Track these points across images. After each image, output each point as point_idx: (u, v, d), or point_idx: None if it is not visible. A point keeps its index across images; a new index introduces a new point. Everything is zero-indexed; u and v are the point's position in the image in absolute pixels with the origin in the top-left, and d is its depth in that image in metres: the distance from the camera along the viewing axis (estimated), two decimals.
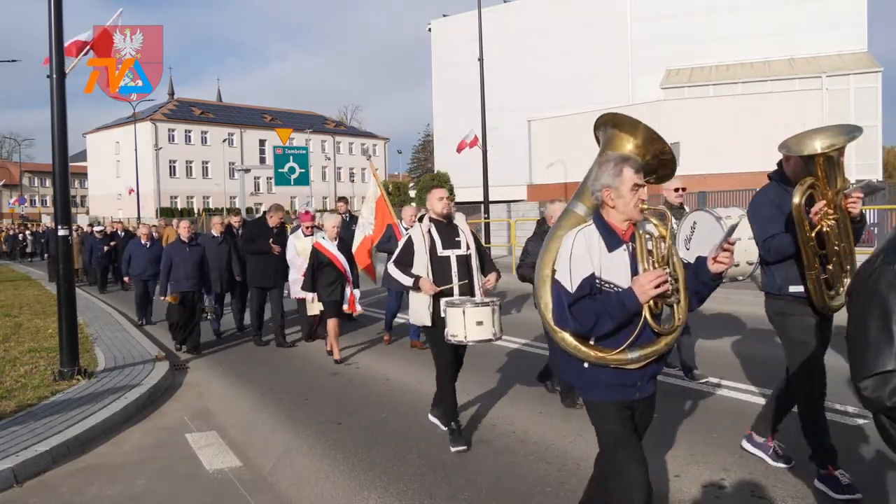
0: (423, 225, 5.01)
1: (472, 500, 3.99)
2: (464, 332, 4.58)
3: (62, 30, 6.94)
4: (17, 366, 7.47)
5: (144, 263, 11.46)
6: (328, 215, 8.50)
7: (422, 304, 4.91)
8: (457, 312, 4.62)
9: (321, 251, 7.88)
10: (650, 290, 2.66)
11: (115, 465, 4.86)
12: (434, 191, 5.13)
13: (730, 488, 3.99)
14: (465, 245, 5.03)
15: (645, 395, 2.99)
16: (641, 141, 3.02)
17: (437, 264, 4.92)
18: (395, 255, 5.06)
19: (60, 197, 7.02)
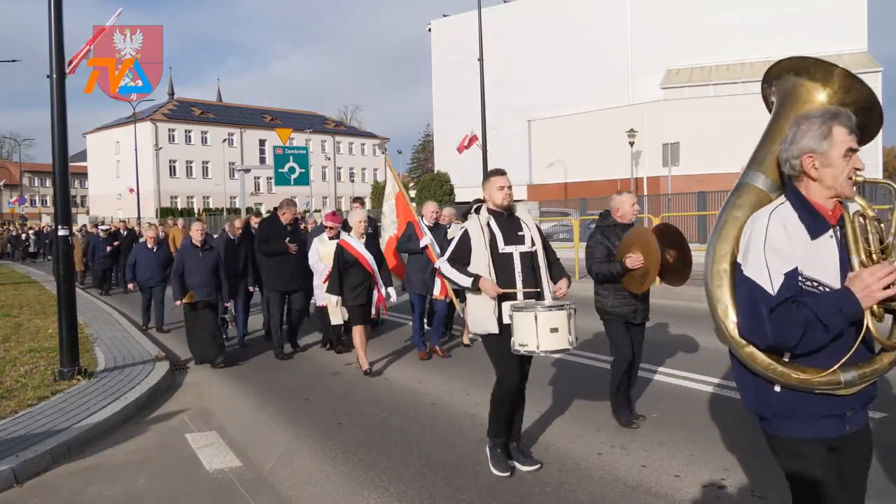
0: (481, 217, 4.35)
1: (472, 500, 3.99)
2: (535, 340, 3.95)
3: (62, 30, 6.94)
4: (17, 366, 7.47)
5: (152, 269, 10.61)
6: (354, 210, 7.71)
7: (484, 309, 4.23)
8: (526, 318, 3.98)
9: (347, 249, 7.15)
10: (877, 290, 2.01)
11: (115, 465, 4.86)
12: (493, 178, 4.39)
13: (730, 488, 3.99)
14: (530, 240, 4.36)
15: (856, 429, 2.37)
16: (838, 89, 2.25)
17: (498, 262, 4.26)
18: (448, 252, 4.43)
19: (60, 197, 7.02)
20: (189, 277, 7.84)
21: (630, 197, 5.29)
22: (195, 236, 8.04)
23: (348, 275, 7.13)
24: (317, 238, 8.39)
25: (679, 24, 41.68)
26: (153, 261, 10.67)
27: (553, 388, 6.35)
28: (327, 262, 7.72)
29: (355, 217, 7.35)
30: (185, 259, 7.92)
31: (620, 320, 5.18)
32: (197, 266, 7.88)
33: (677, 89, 39.83)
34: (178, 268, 7.95)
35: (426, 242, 7.57)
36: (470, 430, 5.24)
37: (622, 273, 4.93)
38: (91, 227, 23.61)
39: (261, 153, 72.60)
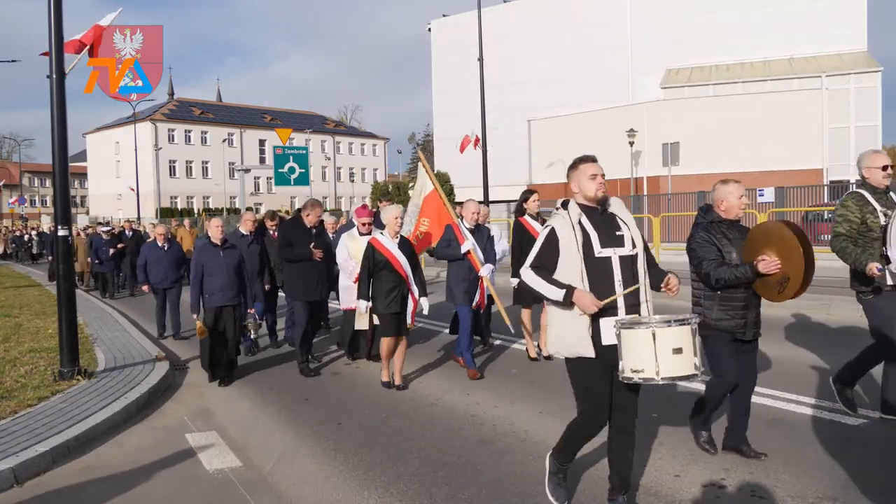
0: (571, 213, 3.56)
1: (472, 500, 3.99)
2: (654, 365, 3.20)
3: (62, 30, 6.93)
4: (17, 366, 7.47)
5: (164, 269, 9.96)
6: (388, 206, 6.88)
7: (575, 326, 3.46)
8: (642, 337, 3.24)
9: (378, 249, 6.44)
10: None
11: (115, 465, 4.86)
12: (582, 165, 3.63)
13: (730, 488, 3.99)
14: (630, 241, 3.55)
15: None
16: None
17: (594, 269, 3.45)
18: (531, 257, 3.62)
19: (60, 197, 7.01)
20: (210, 280, 7.03)
21: (737, 188, 4.44)
22: (214, 234, 7.22)
23: (379, 278, 6.44)
24: (346, 234, 7.74)
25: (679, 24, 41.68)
26: (165, 260, 10.01)
27: (553, 388, 6.35)
28: (358, 259, 7.05)
29: (390, 214, 6.58)
30: (204, 259, 7.10)
31: (726, 336, 4.33)
32: (218, 267, 7.05)
33: (677, 89, 39.82)
34: (197, 271, 7.07)
35: (468, 247, 6.98)
36: (470, 430, 5.24)
37: (753, 278, 4.16)
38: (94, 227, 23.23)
39: (261, 153, 72.64)
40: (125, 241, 15.83)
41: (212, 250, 7.16)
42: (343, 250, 7.55)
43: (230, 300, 7.08)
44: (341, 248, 7.58)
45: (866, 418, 5.04)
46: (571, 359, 3.54)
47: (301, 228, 7.59)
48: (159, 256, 9.98)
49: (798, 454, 4.42)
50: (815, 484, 3.97)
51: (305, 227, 7.56)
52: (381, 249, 6.46)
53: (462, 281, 7.05)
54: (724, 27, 40.55)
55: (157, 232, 10.38)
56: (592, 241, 3.50)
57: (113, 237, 15.86)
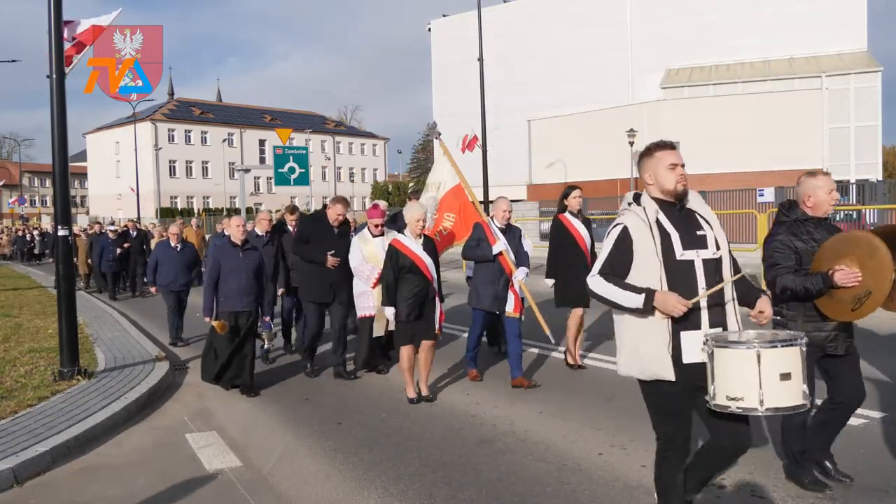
0: (648, 209, 3.06)
1: (472, 500, 3.99)
2: (758, 393, 2.70)
3: (62, 30, 6.94)
4: (17, 366, 7.47)
5: (176, 271, 9.43)
6: (411, 205, 6.32)
7: (653, 344, 2.94)
8: (743, 358, 2.74)
9: (402, 251, 5.96)
10: None
11: (115, 465, 4.86)
12: (658, 153, 3.13)
13: (730, 488, 3.99)
14: (713, 242, 3.07)
15: None
16: None
17: (674, 275, 2.96)
18: (600, 263, 3.10)
19: (60, 197, 7.02)
20: (226, 282, 6.51)
21: (826, 181, 3.97)
22: (235, 233, 6.71)
23: (403, 281, 5.93)
24: (358, 236, 7.07)
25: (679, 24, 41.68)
26: (177, 261, 9.45)
27: (553, 388, 6.35)
28: (374, 262, 6.67)
29: (413, 214, 6.03)
30: (222, 259, 6.60)
31: (814, 352, 3.76)
32: (236, 269, 6.53)
33: (677, 89, 39.84)
34: (213, 271, 6.55)
35: (500, 249, 6.47)
36: (470, 430, 5.24)
37: (823, 290, 3.64)
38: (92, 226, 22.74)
39: (261, 153, 72.66)
40: (130, 241, 15.50)
41: (231, 251, 6.65)
42: (356, 254, 6.90)
43: (246, 305, 6.58)
44: (354, 251, 6.94)
45: (866, 418, 5.04)
46: (647, 381, 3.03)
47: (322, 225, 7.09)
48: (171, 257, 9.48)
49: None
50: None
51: (327, 225, 7.04)
52: (406, 251, 5.96)
53: (491, 284, 6.55)
54: (724, 27, 40.55)
55: (170, 232, 9.87)
56: (673, 242, 3.00)
57: (118, 237, 15.47)
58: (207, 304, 6.60)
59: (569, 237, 6.91)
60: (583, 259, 6.78)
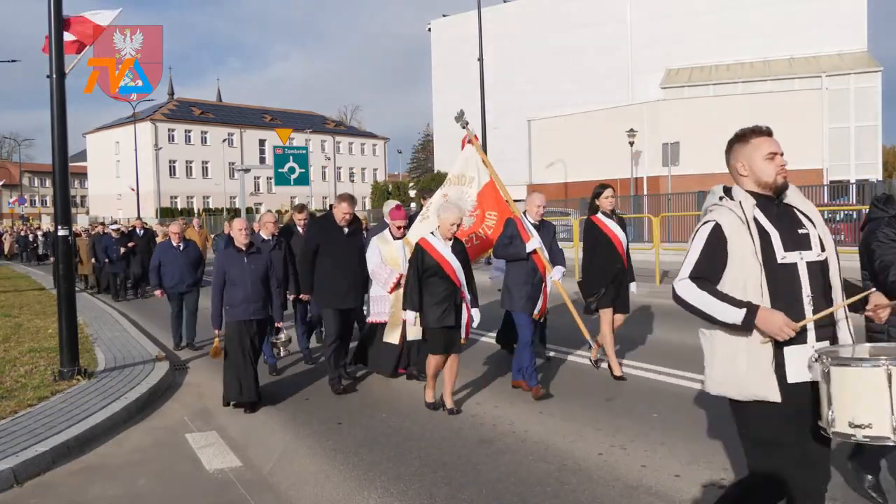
0: (745, 205, 2.66)
1: (472, 500, 3.99)
2: (890, 419, 2.30)
3: (62, 30, 6.94)
4: (17, 366, 7.47)
5: (180, 272, 9.01)
6: (446, 205, 5.77)
7: (754, 358, 2.57)
8: (870, 378, 2.35)
9: (429, 252, 5.54)
10: None
11: (115, 465, 4.86)
12: (754, 140, 2.75)
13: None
14: (818, 242, 2.69)
15: None
16: None
17: (775, 280, 2.58)
18: (688, 266, 2.68)
19: (60, 197, 7.02)
20: (232, 290, 6.09)
21: None
22: (238, 237, 6.19)
23: (429, 285, 5.53)
24: (377, 237, 6.74)
25: (679, 24, 41.71)
26: (180, 261, 9.03)
27: (553, 388, 6.34)
28: (393, 265, 6.46)
29: (448, 217, 5.58)
30: (226, 266, 6.15)
31: None
32: (241, 275, 6.08)
33: (677, 89, 39.85)
34: (219, 278, 6.15)
35: (535, 246, 6.08)
36: (470, 430, 5.24)
37: None
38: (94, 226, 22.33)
39: (261, 153, 72.65)
40: (136, 240, 15.01)
41: (235, 256, 6.18)
42: (374, 255, 6.55)
43: (254, 313, 6.11)
44: (372, 252, 6.58)
45: None
46: (743, 403, 2.61)
47: (331, 227, 6.68)
48: (174, 257, 9.02)
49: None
50: None
51: (336, 226, 6.65)
52: (433, 253, 5.54)
53: (525, 284, 6.09)
54: (723, 27, 40.57)
55: (171, 230, 9.34)
56: (773, 243, 2.60)
57: (123, 236, 15.02)
58: (215, 314, 6.26)
59: (604, 239, 6.50)
60: (620, 261, 6.45)
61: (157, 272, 9.03)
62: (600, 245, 6.48)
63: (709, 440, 4.78)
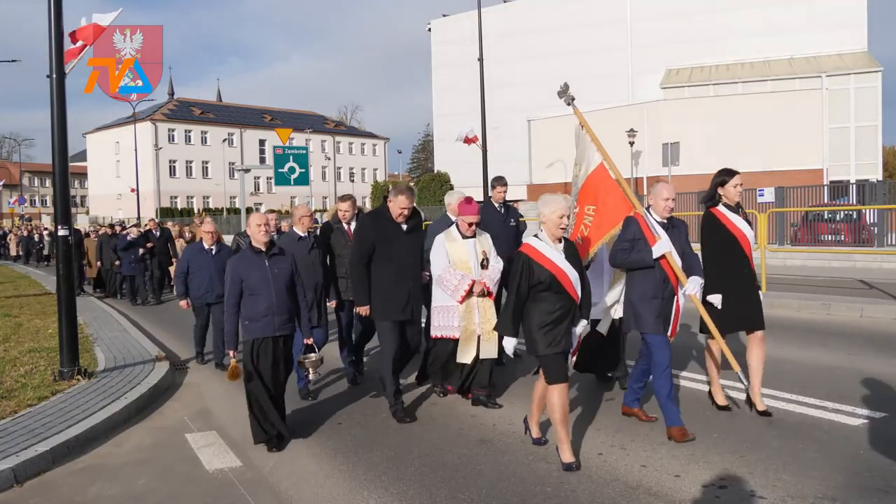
0: None
1: (472, 500, 3.99)
2: None
3: (62, 30, 6.94)
4: (17, 366, 7.47)
5: (209, 279, 7.71)
6: (545, 198, 4.49)
7: None
8: None
9: (538, 261, 4.37)
10: None
11: (115, 465, 4.86)
12: None
13: (730, 488, 3.99)
14: None
15: None
16: None
17: None
18: None
19: (60, 197, 7.02)
20: (251, 301, 5.00)
21: None
22: (257, 234, 5.11)
23: (537, 302, 4.36)
24: (444, 235, 5.71)
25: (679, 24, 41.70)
26: (212, 267, 7.70)
27: None
28: (463, 269, 5.51)
29: (555, 208, 4.39)
30: (244, 272, 5.02)
31: None
32: (262, 282, 5.01)
33: (677, 89, 39.84)
34: (234, 287, 5.02)
35: (664, 250, 4.83)
36: (470, 430, 5.24)
37: None
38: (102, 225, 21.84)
39: (261, 153, 72.66)
40: (153, 241, 14.24)
41: (253, 259, 5.09)
42: (441, 257, 5.58)
43: (279, 328, 5.06)
44: (438, 254, 5.60)
45: (866, 418, 5.04)
46: None
47: (386, 223, 5.58)
48: (205, 262, 7.75)
49: (798, 454, 4.42)
50: (815, 484, 3.97)
51: (392, 222, 5.57)
52: (542, 261, 4.37)
53: (653, 299, 4.85)
54: (724, 27, 40.56)
55: (203, 230, 8.05)
56: None
57: (140, 236, 14.21)
58: (230, 332, 5.08)
59: (728, 238, 5.24)
60: (747, 267, 5.20)
61: (184, 279, 7.77)
62: (723, 246, 5.26)
63: (709, 440, 4.78)
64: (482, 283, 5.58)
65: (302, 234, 6.38)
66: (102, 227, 21.50)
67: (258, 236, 5.13)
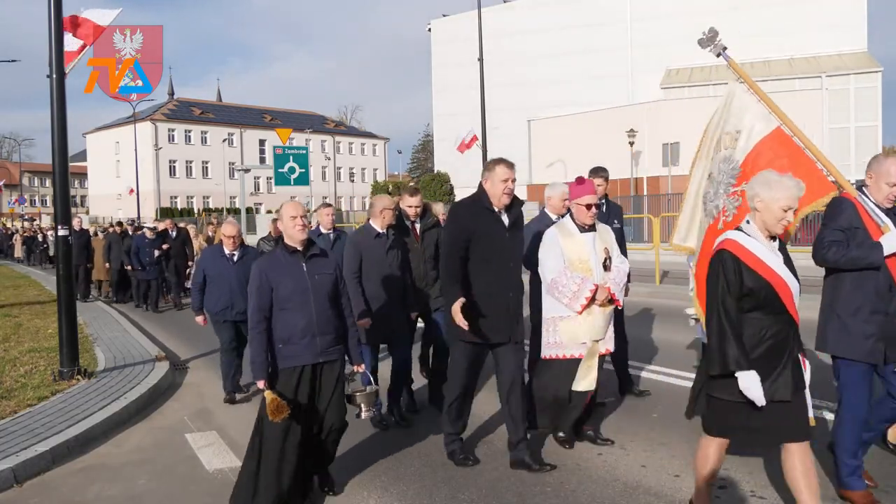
0: None
1: (472, 500, 3.99)
2: None
3: (62, 30, 6.94)
4: (17, 366, 7.47)
5: (231, 291, 6.27)
6: (770, 178, 3.25)
7: None
8: None
9: (749, 265, 3.18)
10: None
11: (115, 465, 4.86)
12: None
13: (730, 488, 3.99)
14: None
15: None
16: None
17: None
18: None
19: (60, 197, 7.02)
20: (286, 318, 3.85)
21: None
22: (292, 231, 3.89)
23: (746, 323, 3.18)
24: (554, 229, 4.59)
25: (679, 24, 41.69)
26: (233, 277, 6.26)
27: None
28: (583, 270, 4.35)
29: (778, 196, 3.16)
30: (275, 279, 3.85)
31: None
32: (300, 292, 3.86)
33: (677, 89, 39.87)
34: (263, 300, 3.85)
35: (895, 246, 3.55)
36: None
37: None
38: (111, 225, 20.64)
39: (261, 153, 72.63)
40: (169, 242, 13.04)
41: (286, 262, 3.90)
42: (554, 257, 4.43)
43: (325, 352, 3.92)
44: (551, 251, 4.46)
45: None
46: None
47: (485, 211, 4.30)
48: (224, 271, 6.32)
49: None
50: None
51: (493, 213, 4.31)
52: (757, 266, 3.17)
53: (872, 314, 3.62)
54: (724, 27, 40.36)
55: (224, 233, 6.43)
56: None
57: (157, 236, 12.98)
58: (259, 358, 3.87)
59: None
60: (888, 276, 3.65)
61: (200, 291, 6.41)
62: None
63: None
64: (606, 289, 4.37)
65: (380, 229, 5.21)
66: (111, 225, 20.20)
67: (293, 232, 3.90)
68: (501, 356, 4.41)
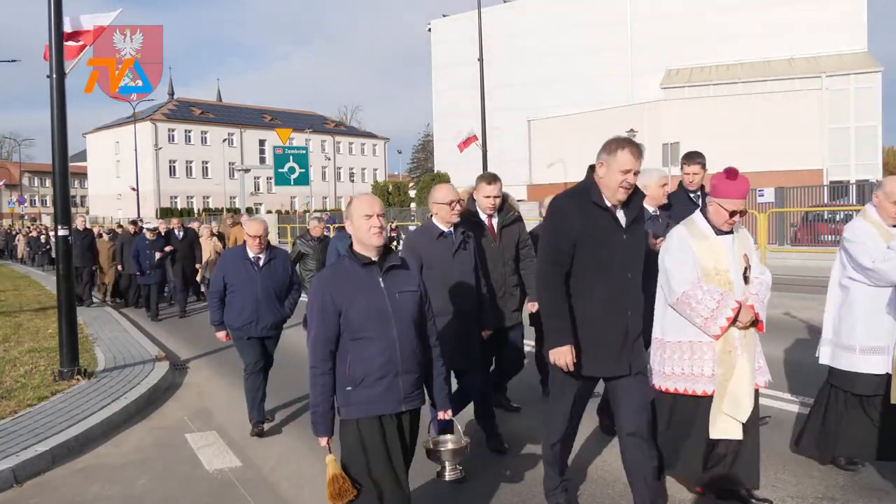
0: None
1: (472, 500, 3.98)
2: None
3: (62, 30, 6.94)
4: (17, 366, 7.47)
5: (255, 303, 5.29)
6: None
7: None
8: None
9: None
10: None
11: (115, 465, 4.86)
12: None
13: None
14: None
15: None
16: None
17: None
18: None
19: (60, 197, 7.02)
20: (360, 351, 2.89)
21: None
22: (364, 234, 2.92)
23: None
24: (682, 227, 3.66)
25: (679, 24, 41.73)
26: (258, 286, 5.31)
27: None
28: (723, 283, 3.49)
29: None
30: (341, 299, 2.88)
31: None
32: (378, 317, 2.89)
33: (677, 89, 39.86)
34: (327, 327, 2.90)
35: None
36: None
37: None
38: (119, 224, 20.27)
39: (261, 153, 72.63)
40: (174, 244, 11.95)
41: (356, 276, 2.94)
42: (685, 264, 3.55)
43: (408, 397, 3.00)
44: (679, 257, 3.57)
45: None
46: None
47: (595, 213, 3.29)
48: (247, 278, 5.30)
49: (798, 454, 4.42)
50: (815, 484, 3.97)
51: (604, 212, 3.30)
52: None
53: None
54: (724, 27, 40.59)
55: (249, 232, 5.34)
56: None
57: (159, 237, 11.87)
58: (321, 407, 2.98)
59: None
60: None
61: (220, 301, 5.38)
62: None
63: None
64: (749, 307, 3.48)
65: (444, 228, 4.30)
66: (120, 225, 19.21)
67: (366, 236, 2.91)
68: (621, 392, 3.39)
